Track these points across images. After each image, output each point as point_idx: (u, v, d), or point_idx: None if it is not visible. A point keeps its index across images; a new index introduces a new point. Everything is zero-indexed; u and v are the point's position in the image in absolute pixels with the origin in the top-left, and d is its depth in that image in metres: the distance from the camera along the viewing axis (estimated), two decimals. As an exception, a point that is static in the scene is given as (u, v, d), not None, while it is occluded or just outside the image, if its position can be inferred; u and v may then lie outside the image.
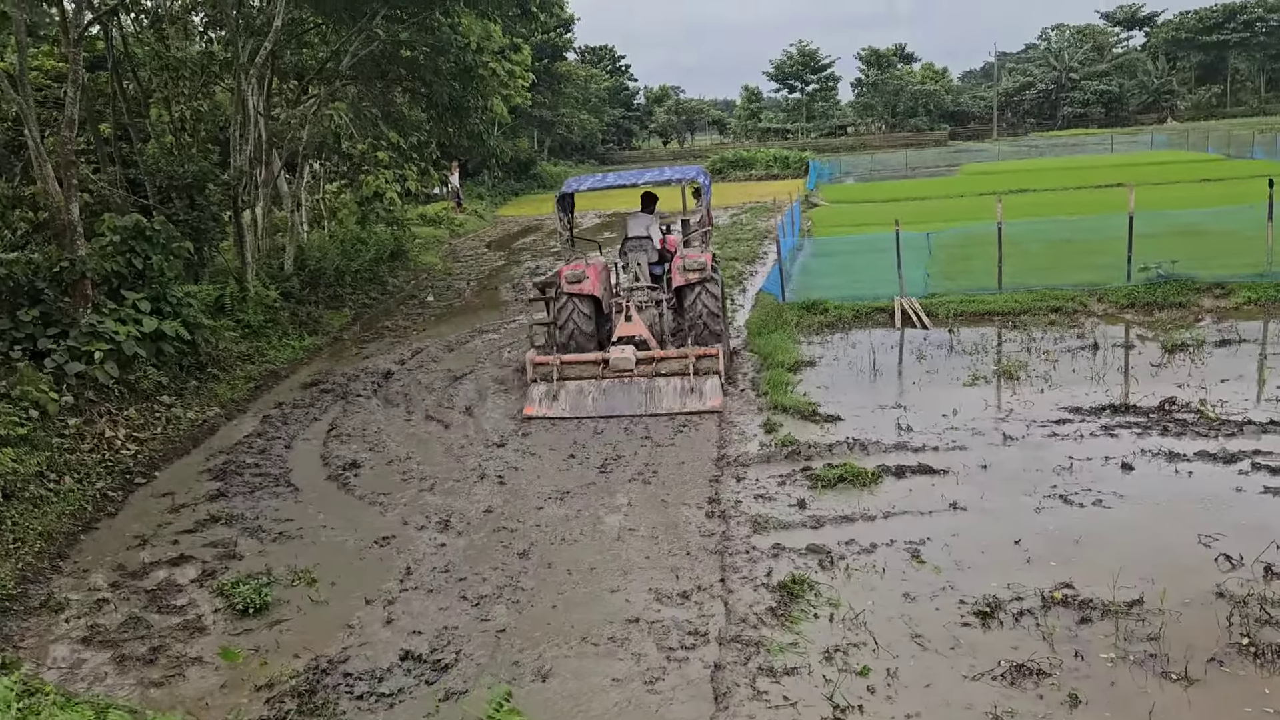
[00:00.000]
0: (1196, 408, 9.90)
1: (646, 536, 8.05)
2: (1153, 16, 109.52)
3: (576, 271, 12.66)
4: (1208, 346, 12.36)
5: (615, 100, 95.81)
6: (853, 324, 15.15)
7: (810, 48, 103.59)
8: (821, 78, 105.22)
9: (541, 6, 20.83)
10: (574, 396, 11.89)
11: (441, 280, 24.11)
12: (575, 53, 75.37)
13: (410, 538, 8.39)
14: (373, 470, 10.26)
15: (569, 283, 12.65)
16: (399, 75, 21.75)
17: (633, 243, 13.57)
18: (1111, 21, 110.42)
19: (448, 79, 21.46)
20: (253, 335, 15.63)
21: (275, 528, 8.83)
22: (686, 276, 12.51)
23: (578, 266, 12.76)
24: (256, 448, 11.20)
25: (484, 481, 9.64)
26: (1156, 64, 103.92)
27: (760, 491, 8.75)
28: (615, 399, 11.77)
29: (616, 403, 11.73)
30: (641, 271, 13.36)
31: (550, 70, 53.10)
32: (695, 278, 12.47)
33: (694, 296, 12.57)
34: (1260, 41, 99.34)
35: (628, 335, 12.36)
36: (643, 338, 12.40)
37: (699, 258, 12.56)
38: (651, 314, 13.00)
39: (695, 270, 12.46)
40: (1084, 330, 13.69)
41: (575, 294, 12.64)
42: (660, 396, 11.71)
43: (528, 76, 24.40)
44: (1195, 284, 14.90)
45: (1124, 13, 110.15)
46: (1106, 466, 8.66)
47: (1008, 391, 11.19)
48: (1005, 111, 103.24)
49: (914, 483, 8.67)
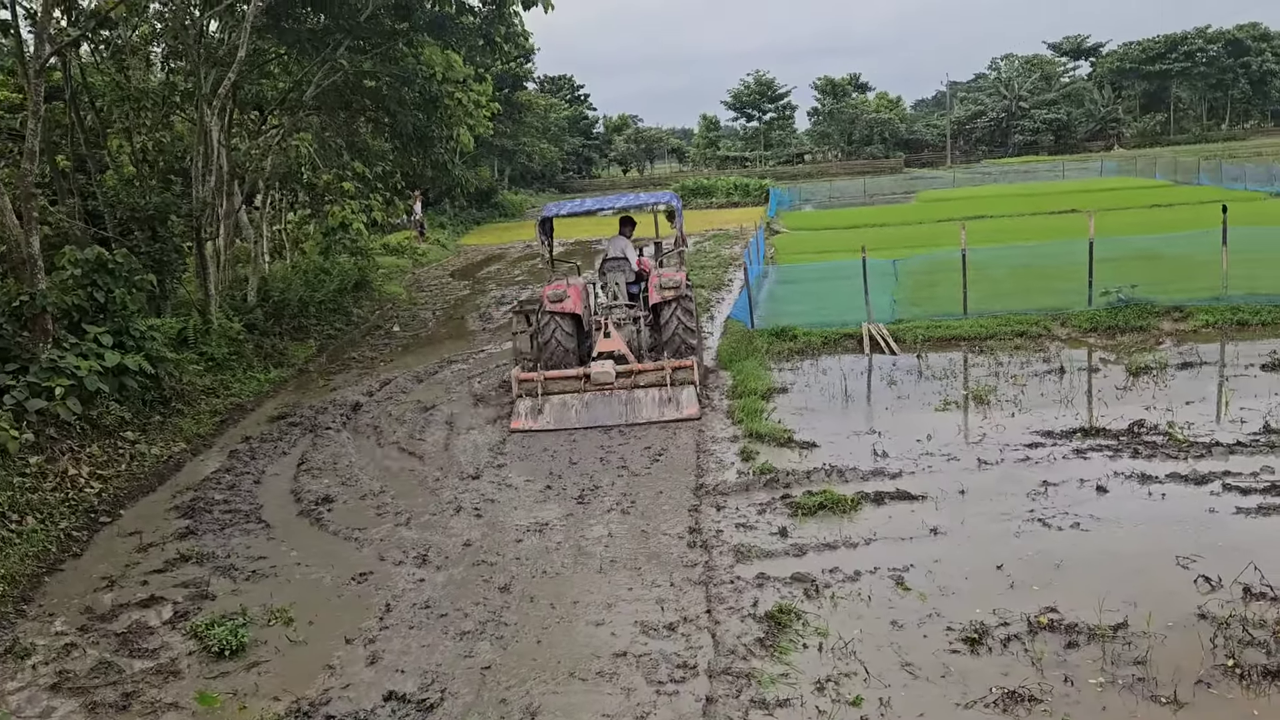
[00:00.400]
0: (1165, 430, 10.05)
1: (629, 568, 7.97)
2: (1098, 47, 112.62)
3: (558, 291, 13.41)
4: (1170, 369, 12.57)
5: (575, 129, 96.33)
6: (822, 350, 15.23)
7: (767, 77, 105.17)
8: (778, 106, 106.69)
9: (506, 37, 20.82)
10: (558, 410, 12.45)
11: (407, 310, 23.92)
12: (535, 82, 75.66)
13: (388, 573, 8.24)
14: (346, 505, 10.09)
15: (551, 302, 13.39)
16: (363, 105, 21.67)
17: (611, 263, 14.29)
18: (1058, 52, 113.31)
19: (412, 109, 21.42)
20: (217, 368, 15.38)
21: (248, 566, 8.63)
22: (663, 294, 13.32)
23: (559, 286, 13.52)
24: (225, 484, 10.98)
25: (461, 514, 9.51)
26: (1103, 93, 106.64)
27: (741, 520, 8.72)
28: (597, 411, 12.37)
29: (599, 414, 12.31)
30: (620, 290, 14.12)
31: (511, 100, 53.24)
32: (671, 295, 13.29)
33: (670, 313, 13.34)
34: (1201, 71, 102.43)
35: (607, 350, 12.98)
36: (622, 352, 13.03)
37: (674, 276, 13.41)
38: (630, 330, 13.82)
39: (671, 288, 13.31)
40: (1049, 354, 13.88)
41: (557, 312, 13.37)
42: (639, 407, 12.34)
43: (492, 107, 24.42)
44: (1154, 308, 15.20)
45: (1070, 43, 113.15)
46: (1081, 489, 8.74)
47: (979, 416, 11.29)
48: (958, 139, 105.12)
49: (893, 509, 8.69)
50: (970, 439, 10.44)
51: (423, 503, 9.95)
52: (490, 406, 13.67)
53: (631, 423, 12.13)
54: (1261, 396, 11.01)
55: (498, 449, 11.63)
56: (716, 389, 13.49)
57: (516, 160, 67.09)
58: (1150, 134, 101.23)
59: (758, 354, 14.81)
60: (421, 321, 22.23)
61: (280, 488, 10.82)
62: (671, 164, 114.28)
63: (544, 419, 12.38)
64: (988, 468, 9.52)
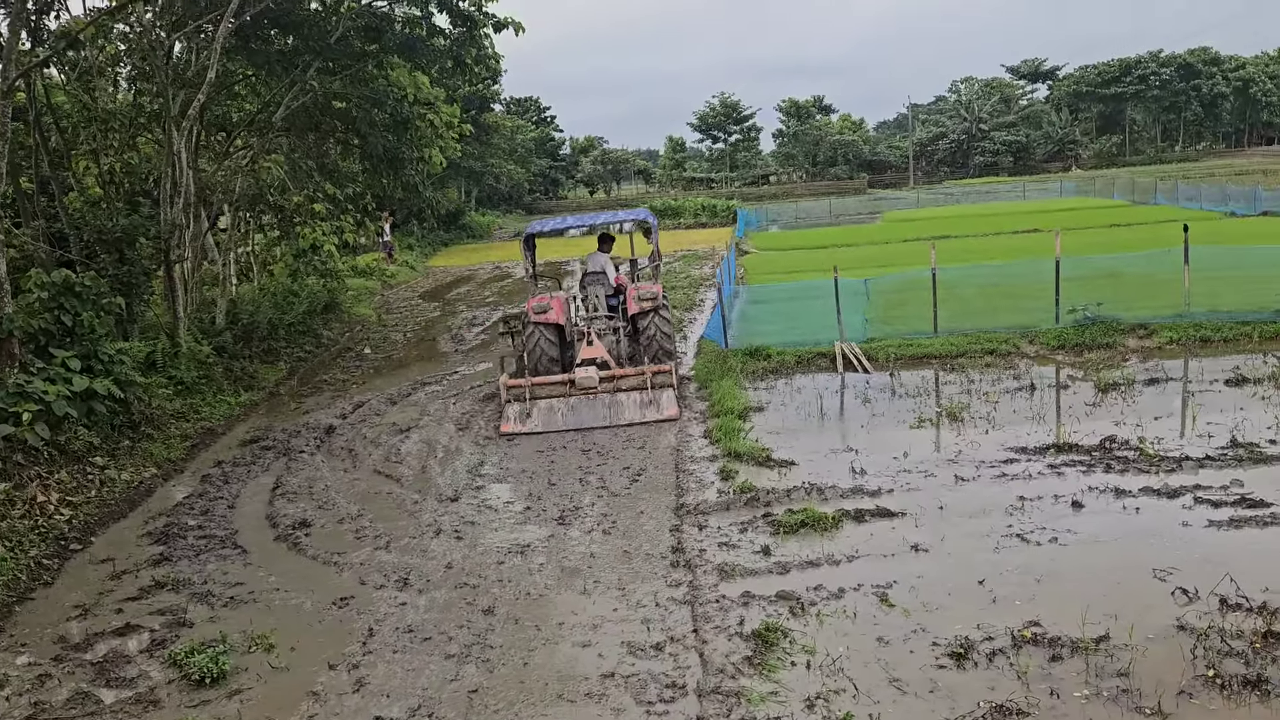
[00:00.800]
0: (1135, 445, 10.22)
1: (613, 588, 7.96)
2: (1055, 70, 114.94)
3: (542, 304, 14.39)
4: (1138, 385, 12.80)
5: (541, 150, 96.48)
6: (795, 369, 15.33)
7: (732, 99, 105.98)
8: (744, 128, 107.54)
9: (477, 59, 20.85)
10: (545, 414, 13.17)
11: (377, 332, 23.78)
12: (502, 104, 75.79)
13: (370, 597, 8.16)
14: (323, 529, 9.99)
15: (535, 313, 14.33)
16: (333, 127, 21.58)
17: (591, 278, 15.34)
18: (1017, 75, 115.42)
19: (382, 131, 21.37)
20: (186, 392, 15.19)
21: (226, 592, 8.51)
22: (641, 305, 14.32)
23: (543, 299, 14.47)
24: (198, 509, 10.83)
25: (441, 537, 9.45)
26: (1060, 115, 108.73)
27: (723, 539, 8.74)
28: (582, 414, 13.08)
29: (584, 417, 13.03)
30: (599, 303, 15.14)
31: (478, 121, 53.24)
32: (649, 305, 14.30)
33: (648, 321, 14.31)
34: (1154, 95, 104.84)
35: (591, 357, 13.81)
36: (604, 359, 13.86)
37: (651, 288, 14.48)
38: (610, 340, 14.73)
39: (649, 299, 14.31)
40: (1019, 371, 14.08)
41: (541, 323, 14.29)
42: (622, 410, 13.07)
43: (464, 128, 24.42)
44: (1120, 325, 15.47)
45: (1028, 67, 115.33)
46: (1057, 505, 8.86)
47: (954, 433, 11.41)
48: (920, 160, 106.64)
49: (874, 526, 8.75)
50: (946, 456, 10.54)
51: (402, 526, 9.88)
52: (466, 429, 13.61)
53: (615, 424, 12.81)
54: (1227, 411, 11.23)
55: (476, 471, 11.58)
56: (693, 408, 13.52)
57: (484, 181, 67.06)
58: (1106, 155, 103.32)
59: (733, 373, 14.87)
60: (392, 343, 22.10)
61: (255, 512, 10.69)
62: (638, 185, 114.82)
63: (532, 422, 13.05)
64: (965, 484, 9.62)
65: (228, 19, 15.89)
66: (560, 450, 12.12)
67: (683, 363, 16.48)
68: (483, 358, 19.10)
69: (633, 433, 12.61)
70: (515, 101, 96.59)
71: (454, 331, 22.86)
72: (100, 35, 17.30)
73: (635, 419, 12.88)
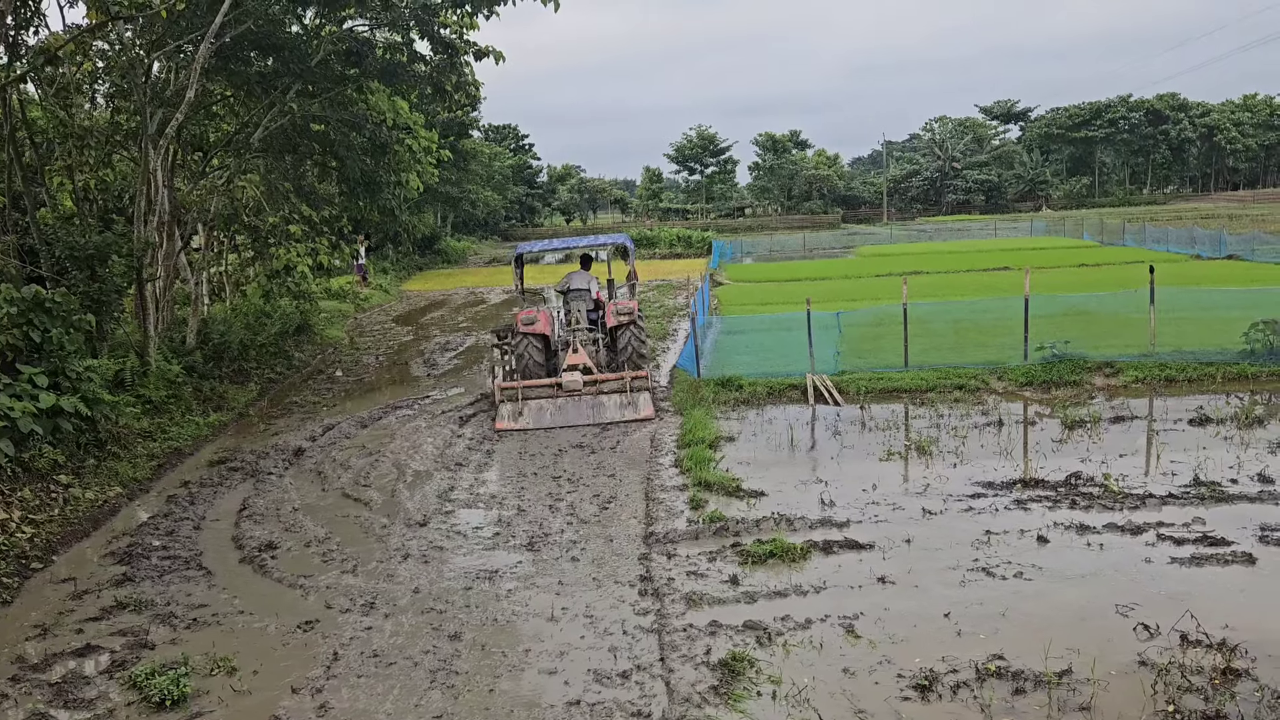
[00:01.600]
0: (1100, 481, 10.36)
1: (580, 616, 7.94)
2: (1027, 112, 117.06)
3: (530, 316, 16.11)
4: (1103, 423, 12.97)
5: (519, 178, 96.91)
6: (767, 400, 15.42)
7: (709, 131, 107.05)
8: (720, 160, 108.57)
9: (457, 86, 20.95)
10: (535, 413, 14.84)
11: (349, 355, 23.68)
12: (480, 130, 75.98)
13: (335, 621, 8.10)
14: (290, 551, 9.90)
15: (524, 325, 16.03)
16: (310, 149, 21.58)
17: (574, 294, 16.81)
18: (989, 115, 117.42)
19: (360, 154, 21.39)
20: (155, 411, 15.05)
21: (189, 614, 8.41)
22: (619, 319, 16.05)
23: (530, 313, 16.20)
24: (163, 529, 10.71)
25: (408, 561, 9.40)
26: (1032, 156, 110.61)
27: (692, 568, 8.75)
28: (569, 413, 14.79)
29: (570, 416, 14.73)
30: (581, 316, 16.60)
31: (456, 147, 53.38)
32: (626, 319, 16.03)
33: (625, 332, 15.99)
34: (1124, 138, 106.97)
35: (575, 364, 15.38)
36: (588, 365, 15.48)
37: (628, 304, 16.24)
38: (590, 350, 16.24)
39: (625, 314, 16.04)
40: (988, 407, 14.23)
41: (530, 333, 16.00)
42: (604, 410, 14.77)
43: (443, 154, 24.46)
44: (1087, 363, 15.69)
45: (1001, 108, 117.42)
46: (1023, 539, 8.95)
47: (922, 466, 11.50)
48: (894, 197, 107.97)
49: (842, 558, 8.80)
50: (914, 489, 10.63)
51: (369, 549, 9.81)
52: (437, 453, 13.56)
53: (597, 422, 14.50)
54: (1190, 450, 11.41)
55: (445, 496, 11.53)
56: (666, 435, 13.56)
57: (460, 207, 67.10)
58: (1076, 196, 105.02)
59: (705, 403, 14.94)
60: (364, 366, 22.01)
61: (221, 534, 10.59)
62: (614, 214, 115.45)
63: (524, 420, 14.71)
64: (932, 517, 9.70)
65: (208, 40, 15.92)
66: (531, 477, 12.11)
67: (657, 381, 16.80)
68: (455, 382, 19.07)
69: (603, 460, 12.63)
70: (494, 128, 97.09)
71: (427, 356, 22.79)
72: (79, 52, 17.24)
73: (615, 418, 14.57)
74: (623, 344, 15.97)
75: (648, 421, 14.38)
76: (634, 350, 15.86)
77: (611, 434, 14.03)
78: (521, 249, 18.24)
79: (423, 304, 35.53)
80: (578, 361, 15.38)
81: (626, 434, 14.01)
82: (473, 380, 19.03)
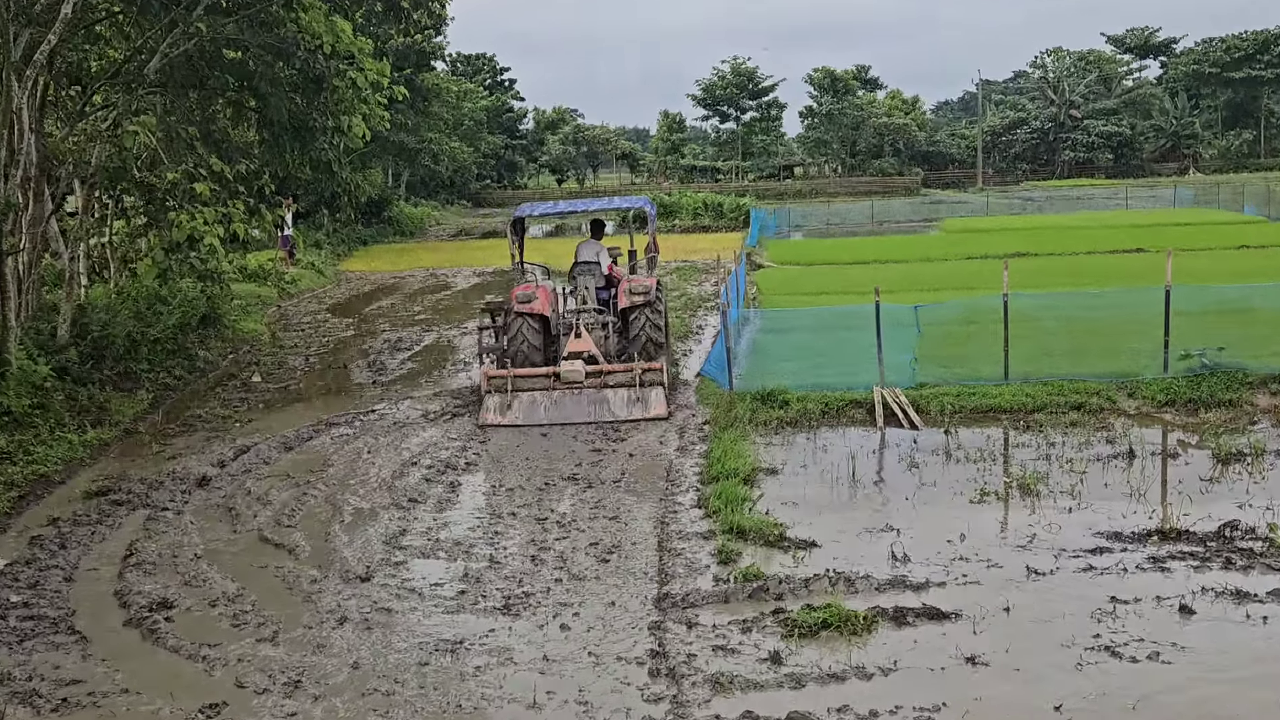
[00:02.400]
0: (1265, 534, 10.35)
1: (572, 702, 7.98)
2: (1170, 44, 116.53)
3: (527, 292, 16.83)
4: (1269, 455, 12.98)
5: (496, 124, 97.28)
6: (821, 421, 15.49)
7: (748, 66, 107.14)
8: (762, 104, 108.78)
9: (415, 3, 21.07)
10: (527, 407, 15.86)
11: (271, 355, 23.85)
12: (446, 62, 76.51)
13: (248, 705, 8.15)
14: (191, 612, 9.98)
15: (520, 303, 16.76)
16: (223, 84, 21.69)
17: (581, 267, 17.66)
18: (1120, 48, 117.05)
19: (288, 90, 21.48)
20: (15, 425, 15.19)
21: (56, 692, 8.47)
22: (632, 299, 16.77)
23: (528, 288, 16.98)
24: (25, 580, 10.79)
25: (346, 627, 9.46)
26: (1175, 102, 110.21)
27: (719, 642, 8.78)
28: (566, 408, 15.77)
29: (568, 412, 15.72)
30: (589, 295, 17.44)
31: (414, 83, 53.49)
32: (640, 300, 16.73)
33: (639, 315, 16.76)
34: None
35: (578, 351, 16.22)
36: (592, 353, 16.30)
37: (645, 281, 16.92)
38: (598, 335, 17.02)
39: (640, 293, 16.71)
40: (1114, 434, 14.25)
41: (526, 313, 16.69)
42: (608, 406, 15.74)
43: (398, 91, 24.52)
44: (1247, 377, 15.71)
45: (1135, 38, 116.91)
46: (1160, 609, 8.97)
47: (1026, 511, 11.54)
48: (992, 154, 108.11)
49: (919, 631, 8.83)
50: (1015, 541, 10.67)
51: (295, 611, 9.88)
52: (384, 485, 13.63)
53: (599, 420, 15.51)
54: (1383, 494, 11.40)
55: (395, 541, 11.60)
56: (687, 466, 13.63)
57: (419, 162, 67.42)
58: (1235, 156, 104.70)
59: (738, 424, 15.00)
60: (290, 370, 22.15)
61: (100, 588, 10.67)
62: (622, 173, 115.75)
63: (513, 414, 15.68)
64: (1039, 579, 9.72)
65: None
66: (508, 517, 12.19)
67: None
68: (409, 391, 19.17)
69: (603, 497, 12.69)
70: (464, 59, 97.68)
71: (372, 357, 22.93)
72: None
73: (622, 416, 15.61)
74: (636, 329, 16.78)
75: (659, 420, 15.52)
76: (648, 337, 16.67)
77: (613, 459, 14.12)
78: (521, 211, 19.43)
79: (367, 289, 35.70)
80: (580, 349, 16.25)
81: (633, 459, 14.11)
82: (434, 387, 19.11)
